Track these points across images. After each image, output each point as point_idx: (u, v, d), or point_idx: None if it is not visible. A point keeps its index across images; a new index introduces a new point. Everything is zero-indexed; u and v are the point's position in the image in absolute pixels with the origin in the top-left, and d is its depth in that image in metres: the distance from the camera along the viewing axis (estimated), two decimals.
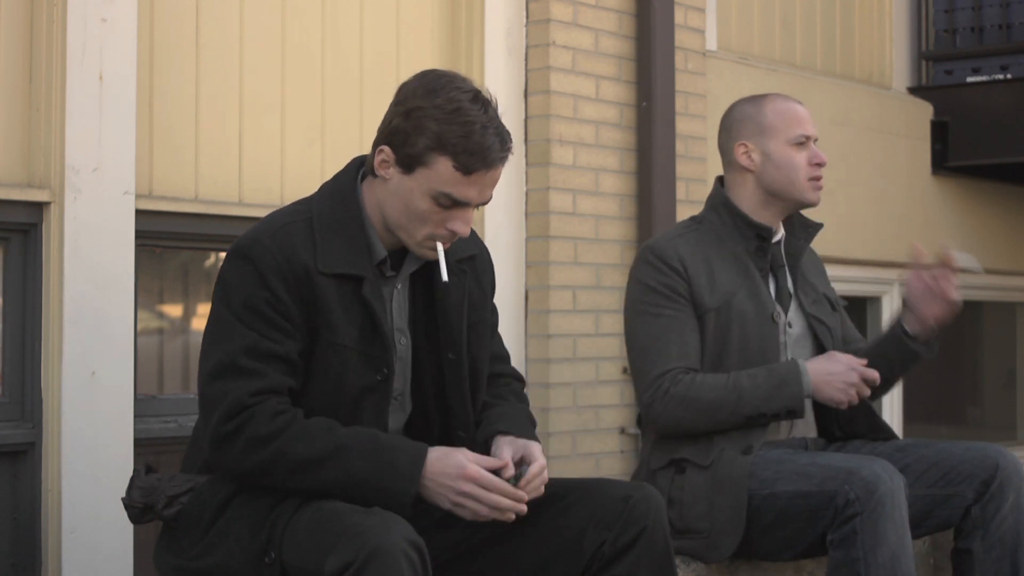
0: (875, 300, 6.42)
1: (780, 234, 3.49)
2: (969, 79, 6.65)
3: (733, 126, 3.50)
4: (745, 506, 3.27)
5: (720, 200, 3.47)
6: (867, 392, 3.33)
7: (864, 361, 3.32)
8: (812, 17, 6.27)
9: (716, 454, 3.32)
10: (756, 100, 3.50)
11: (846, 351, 3.49)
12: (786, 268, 3.49)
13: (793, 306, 3.48)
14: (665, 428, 3.36)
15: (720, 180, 3.53)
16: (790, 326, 3.46)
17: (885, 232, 6.14)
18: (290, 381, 2.59)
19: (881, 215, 6.08)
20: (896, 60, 6.64)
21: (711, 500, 3.30)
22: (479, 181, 2.58)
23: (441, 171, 2.56)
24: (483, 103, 2.58)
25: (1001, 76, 6.59)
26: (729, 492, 3.29)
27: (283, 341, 2.57)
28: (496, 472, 2.55)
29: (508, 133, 2.60)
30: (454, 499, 2.53)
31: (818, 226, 3.53)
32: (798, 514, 3.22)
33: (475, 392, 2.78)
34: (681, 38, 5.11)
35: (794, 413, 3.33)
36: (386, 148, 2.61)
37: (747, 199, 3.45)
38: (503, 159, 2.59)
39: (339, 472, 2.51)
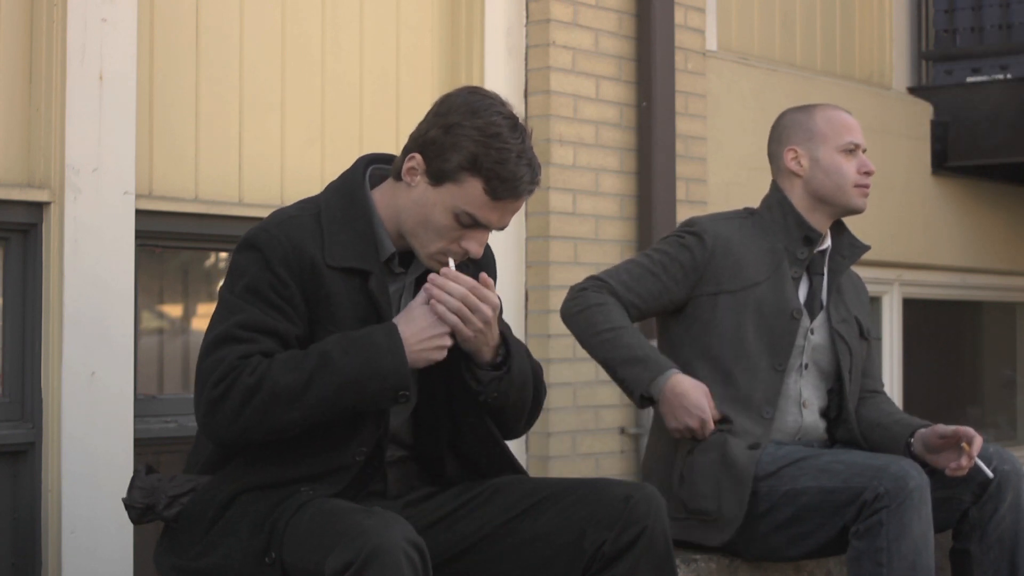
0: (875, 300, 6.42)
1: (826, 244, 3.52)
2: (969, 79, 6.65)
3: (783, 132, 3.56)
4: (748, 495, 3.29)
5: (777, 199, 3.53)
6: (702, 434, 3.36)
7: (716, 415, 3.36)
8: (812, 17, 6.27)
9: (722, 438, 3.34)
10: (806, 108, 3.58)
11: (861, 383, 3.58)
12: (824, 278, 3.51)
13: (821, 316, 3.50)
14: (563, 310, 3.49)
15: (775, 185, 3.58)
16: (812, 332, 3.47)
17: (885, 232, 6.14)
18: (281, 353, 2.59)
19: (881, 215, 6.07)
20: (896, 60, 6.64)
21: (719, 482, 3.32)
22: (503, 208, 2.60)
23: (469, 191, 2.58)
24: (521, 132, 2.60)
25: (1001, 76, 6.60)
26: (735, 477, 3.30)
27: (281, 321, 2.59)
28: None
29: (539, 165, 2.63)
30: (434, 329, 2.56)
31: (865, 247, 3.57)
32: (819, 510, 3.25)
33: None
34: (681, 38, 5.11)
35: (630, 393, 3.41)
36: (418, 156, 2.62)
37: (795, 203, 3.51)
38: (531, 191, 2.62)
39: (330, 380, 2.52)
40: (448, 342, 2.60)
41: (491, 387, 2.69)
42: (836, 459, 3.30)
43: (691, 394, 3.33)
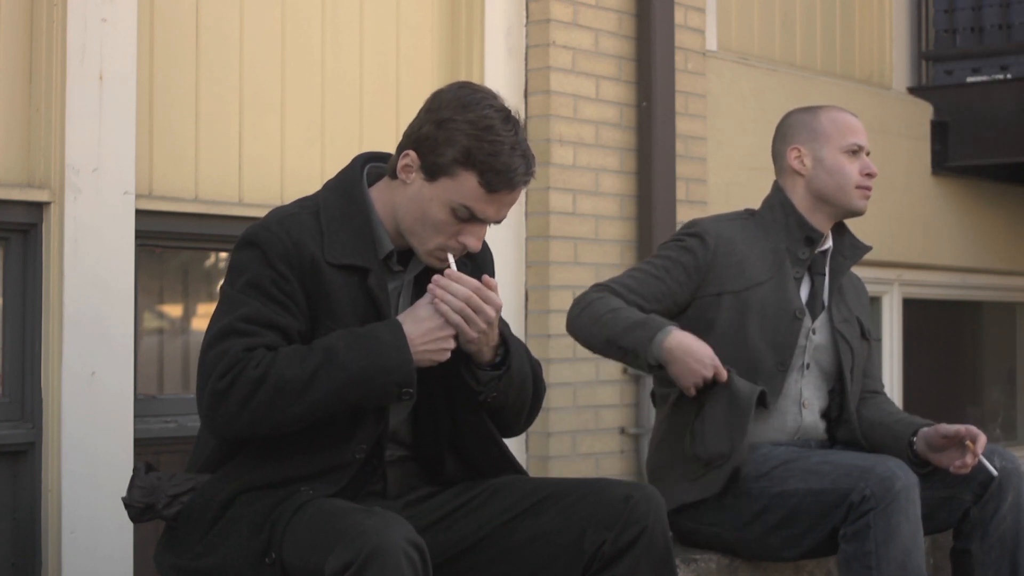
0: (875, 300, 6.42)
1: (828, 244, 3.53)
2: (969, 79, 6.65)
3: (788, 132, 3.57)
4: (748, 423, 3.29)
5: (778, 199, 3.54)
6: (719, 376, 3.32)
7: (723, 373, 3.32)
8: (812, 17, 6.27)
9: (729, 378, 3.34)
10: (811, 109, 3.60)
11: (863, 384, 3.58)
12: (826, 279, 3.52)
13: (823, 316, 3.50)
14: (568, 317, 3.48)
15: (777, 185, 3.59)
16: (814, 332, 3.47)
17: (885, 232, 6.14)
18: (284, 346, 2.59)
19: (881, 215, 6.07)
20: (896, 60, 6.64)
21: (729, 421, 3.31)
22: (499, 200, 2.61)
23: (465, 185, 2.58)
24: (514, 124, 2.61)
25: (1001, 76, 6.60)
26: (738, 408, 3.30)
27: (283, 315, 2.59)
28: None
29: (533, 157, 2.64)
30: (440, 331, 2.57)
31: (866, 248, 3.57)
32: (808, 511, 3.24)
33: None
34: (681, 38, 5.11)
35: (635, 358, 3.36)
36: (412, 153, 2.63)
37: (797, 203, 3.51)
38: (526, 182, 2.63)
39: (335, 374, 2.52)
40: (452, 344, 2.60)
41: (491, 387, 2.69)
42: (825, 460, 3.29)
43: (698, 347, 3.30)
